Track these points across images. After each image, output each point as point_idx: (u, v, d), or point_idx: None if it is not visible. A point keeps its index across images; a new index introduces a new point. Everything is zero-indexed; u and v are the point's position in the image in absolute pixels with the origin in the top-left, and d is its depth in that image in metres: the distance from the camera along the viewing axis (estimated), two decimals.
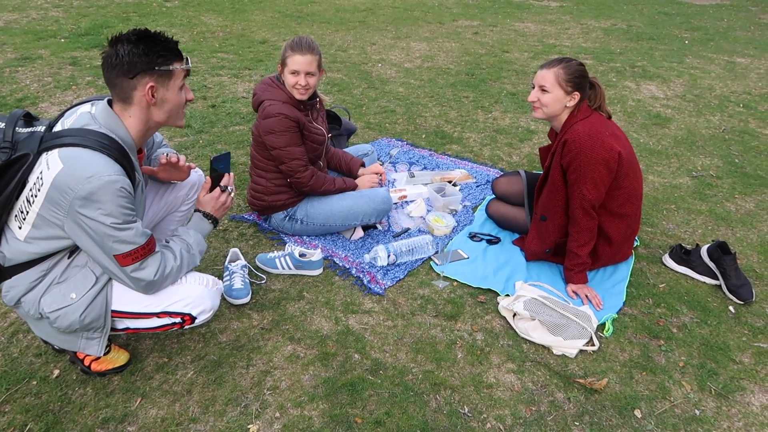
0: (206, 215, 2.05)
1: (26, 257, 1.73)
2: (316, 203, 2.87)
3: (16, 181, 1.65)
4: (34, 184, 1.64)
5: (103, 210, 1.60)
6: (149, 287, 1.80)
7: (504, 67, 6.03)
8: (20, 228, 1.70)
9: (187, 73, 1.82)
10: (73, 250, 1.78)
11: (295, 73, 2.60)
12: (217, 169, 2.06)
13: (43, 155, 1.65)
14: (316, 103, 2.83)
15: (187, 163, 2.13)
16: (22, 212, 1.68)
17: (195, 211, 2.07)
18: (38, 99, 4.54)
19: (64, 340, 1.86)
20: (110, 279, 1.83)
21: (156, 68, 1.70)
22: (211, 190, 2.08)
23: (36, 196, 1.64)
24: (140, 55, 1.66)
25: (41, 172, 1.63)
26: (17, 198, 1.68)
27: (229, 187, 2.10)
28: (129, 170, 1.70)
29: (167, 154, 2.05)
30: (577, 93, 2.45)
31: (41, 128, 1.72)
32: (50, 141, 1.66)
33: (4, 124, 1.70)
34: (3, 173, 1.65)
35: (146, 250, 1.74)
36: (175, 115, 1.84)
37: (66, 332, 1.82)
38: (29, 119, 1.77)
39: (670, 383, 2.15)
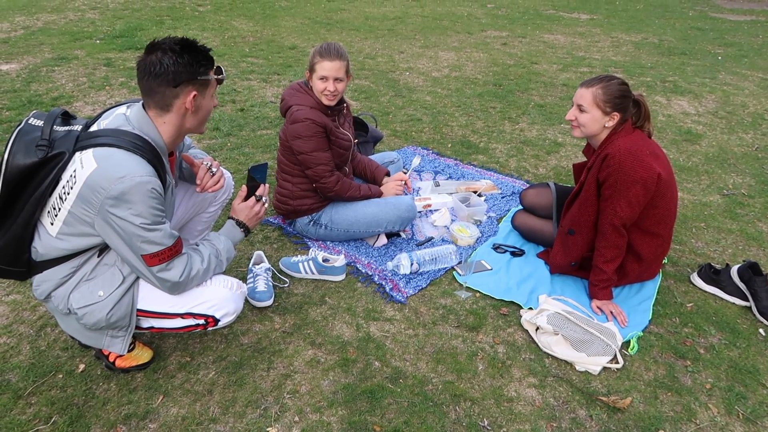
0: (239, 223, 2.06)
1: (57, 253, 1.77)
2: (341, 209, 2.88)
3: (51, 179, 1.69)
4: (67, 182, 1.67)
5: (133, 210, 1.63)
6: (174, 288, 1.83)
7: (532, 78, 6.00)
8: (52, 224, 1.74)
9: (220, 81, 1.88)
10: (103, 248, 1.81)
11: (323, 78, 2.62)
12: (255, 179, 2.07)
13: (77, 154, 1.68)
14: (343, 108, 2.85)
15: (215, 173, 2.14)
16: (54, 209, 1.72)
17: (228, 218, 2.09)
18: (73, 98, 4.65)
19: (89, 336, 1.89)
20: (137, 279, 1.86)
21: (198, 78, 1.75)
22: (247, 198, 2.08)
23: (68, 194, 1.67)
24: (185, 65, 1.70)
25: (74, 171, 1.66)
26: (51, 195, 1.72)
27: (263, 198, 2.10)
28: (160, 172, 1.73)
29: (209, 165, 2.08)
30: (616, 114, 2.39)
31: (78, 127, 1.76)
32: (85, 140, 1.69)
33: (42, 122, 1.74)
34: (39, 170, 1.69)
35: (173, 251, 1.76)
36: (204, 121, 1.90)
37: (92, 329, 1.85)
38: (67, 118, 1.82)
39: (696, 405, 2.10)
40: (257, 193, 2.09)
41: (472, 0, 10.72)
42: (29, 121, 1.75)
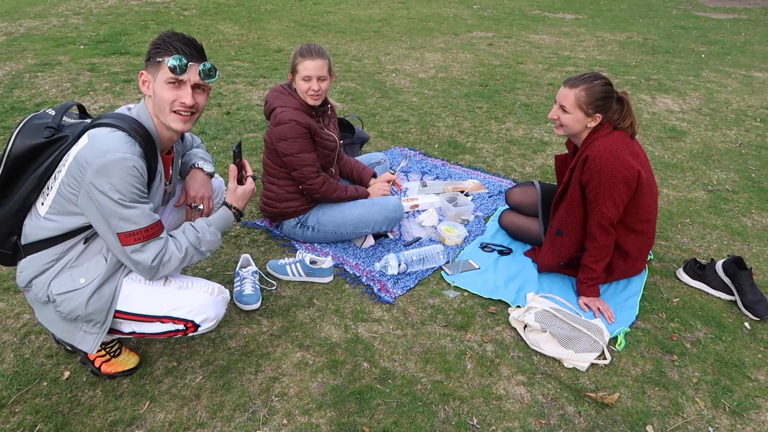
0: (229, 206, 2.03)
1: (43, 234, 1.77)
2: (328, 210, 2.87)
3: (52, 160, 1.74)
4: (62, 161, 1.73)
5: (113, 185, 1.64)
6: (147, 272, 1.80)
7: (518, 78, 6.03)
8: (42, 204, 1.76)
9: (173, 70, 1.73)
10: (89, 237, 1.81)
11: (307, 78, 2.62)
12: (239, 156, 2.06)
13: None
14: (328, 109, 2.84)
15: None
16: (48, 188, 1.75)
17: (223, 203, 2.06)
18: (56, 104, 4.60)
19: (63, 328, 1.86)
20: (119, 269, 1.85)
21: (150, 59, 1.77)
22: (239, 175, 2.06)
23: (60, 172, 1.71)
24: (150, 45, 1.77)
25: (71, 151, 1.72)
26: (49, 177, 1.76)
27: (250, 174, 2.10)
28: (150, 157, 1.76)
29: (195, 205, 2.13)
30: (599, 115, 2.39)
31: (89, 121, 1.83)
32: (89, 125, 1.76)
33: (55, 111, 1.82)
34: (42, 151, 1.75)
35: (149, 233, 1.74)
36: (161, 111, 1.80)
37: (67, 319, 1.82)
38: (84, 114, 1.90)
39: (684, 399, 2.11)
40: (246, 173, 2.08)
41: (458, 1, 10.76)
42: (45, 111, 1.83)
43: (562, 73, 6.25)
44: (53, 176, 1.75)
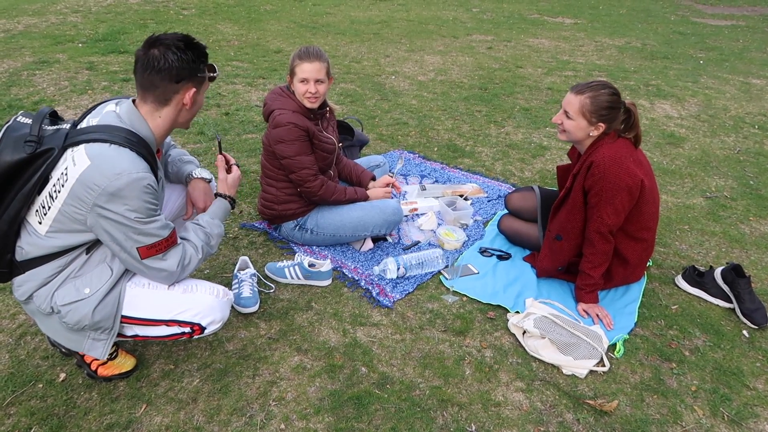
0: (224, 196, 2.12)
1: (45, 251, 1.74)
2: (327, 213, 2.86)
3: (39, 175, 1.68)
4: (58, 179, 1.67)
5: (129, 206, 1.64)
6: (169, 278, 1.83)
7: (517, 82, 6.02)
8: (40, 223, 1.72)
9: (212, 79, 1.91)
10: (92, 246, 1.79)
11: (304, 81, 2.61)
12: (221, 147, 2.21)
13: (69, 151, 1.68)
14: (326, 112, 2.84)
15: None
16: (43, 207, 1.70)
17: (216, 194, 2.12)
18: (54, 102, 4.58)
19: (70, 338, 1.85)
20: (123, 276, 1.84)
21: (198, 75, 1.79)
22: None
23: (59, 192, 1.66)
24: (189, 62, 1.75)
25: (66, 168, 1.66)
26: (39, 193, 1.70)
27: (232, 163, 2.19)
28: (153, 166, 1.75)
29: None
30: (601, 124, 2.38)
31: (67, 126, 1.77)
32: (76, 137, 1.69)
33: (30, 120, 1.74)
34: (27, 166, 1.68)
35: (169, 242, 1.77)
36: (194, 117, 1.93)
37: (74, 329, 1.81)
38: (55, 118, 1.83)
39: (682, 407, 2.11)
40: (230, 161, 2.19)
41: (458, 4, 10.76)
42: (17, 119, 1.75)
43: (561, 78, 6.25)
44: (46, 194, 1.69)
